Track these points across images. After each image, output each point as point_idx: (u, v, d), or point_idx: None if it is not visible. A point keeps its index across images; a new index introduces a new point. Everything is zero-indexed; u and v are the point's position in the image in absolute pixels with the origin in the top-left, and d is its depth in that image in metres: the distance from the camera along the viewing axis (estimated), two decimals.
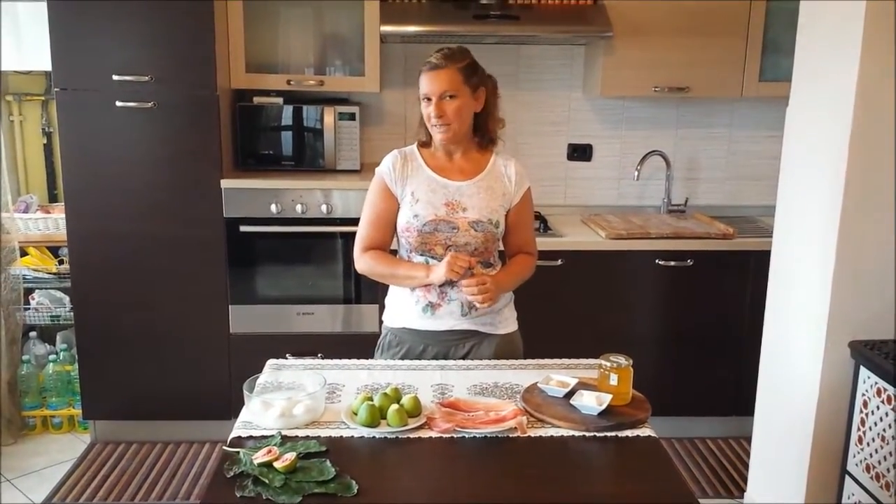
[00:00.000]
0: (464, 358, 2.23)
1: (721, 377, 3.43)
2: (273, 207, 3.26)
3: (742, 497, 2.92)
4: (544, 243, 3.27)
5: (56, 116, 3.20)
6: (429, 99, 2.13)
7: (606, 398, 1.85)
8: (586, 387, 1.94)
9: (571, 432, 1.80)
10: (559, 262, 3.29)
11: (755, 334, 3.05)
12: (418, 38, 3.45)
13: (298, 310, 3.32)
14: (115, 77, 3.11)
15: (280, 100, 3.40)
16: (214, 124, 3.20)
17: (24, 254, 3.63)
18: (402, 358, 2.25)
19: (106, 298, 3.32)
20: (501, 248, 2.31)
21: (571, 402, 1.86)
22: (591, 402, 1.84)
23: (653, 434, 1.81)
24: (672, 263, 3.32)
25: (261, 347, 3.28)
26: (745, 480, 3.09)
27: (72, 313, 3.51)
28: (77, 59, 3.11)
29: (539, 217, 3.56)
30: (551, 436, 1.78)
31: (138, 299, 3.33)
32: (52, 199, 3.82)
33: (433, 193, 2.18)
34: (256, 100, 3.40)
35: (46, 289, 3.67)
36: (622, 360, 1.91)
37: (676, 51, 3.40)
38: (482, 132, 2.24)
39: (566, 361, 2.20)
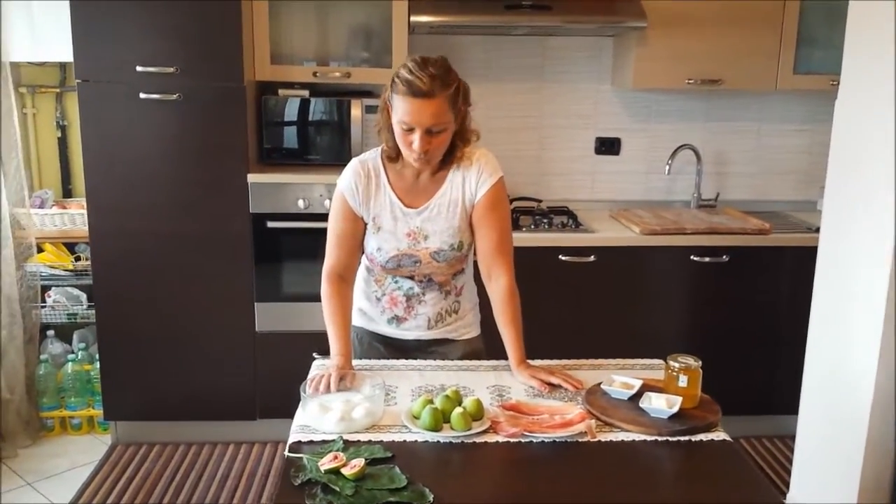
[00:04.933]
0: None
1: (758, 375, 3.38)
2: (300, 202, 3.17)
3: (784, 498, 2.87)
4: (575, 239, 3.24)
5: (77, 109, 3.10)
6: (411, 128, 1.89)
7: (677, 401, 1.78)
8: (652, 388, 1.87)
9: (642, 436, 1.73)
10: (591, 258, 3.22)
11: (793, 331, 3.01)
12: (447, 28, 3.37)
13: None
14: (138, 68, 3.02)
15: (306, 92, 3.32)
16: (241, 117, 3.11)
17: (39, 250, 3.54)
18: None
19: (128, 296, 3.23)
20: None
21: (640, 405, 1.79)
22: (661, 405, 1.78)
23: (728, 438, 1.74)
24: (707, 259, 3.25)
25: (287, 346, 3.21)
26: (783, 481, 3.04)
27: (89, 311, 3.43)
28: (99, 50, 3.02)
29: (567, 212, 3.50)
30: (622, 440, 1.72)
31: (161, 297, 3.24)
32: (67, 194, 3.73)
33: (395, 222, 2.05)
34: (282, 92, 3.31)
35: (63, 286, 3.57)
36: (691, 360, 1.84)
37: (710, 42, 3.33)
38: (450, 150, 2.01)
39: (622, 361, 2.13)
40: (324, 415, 1.74)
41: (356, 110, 3.30)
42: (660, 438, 1.72)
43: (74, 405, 3.49)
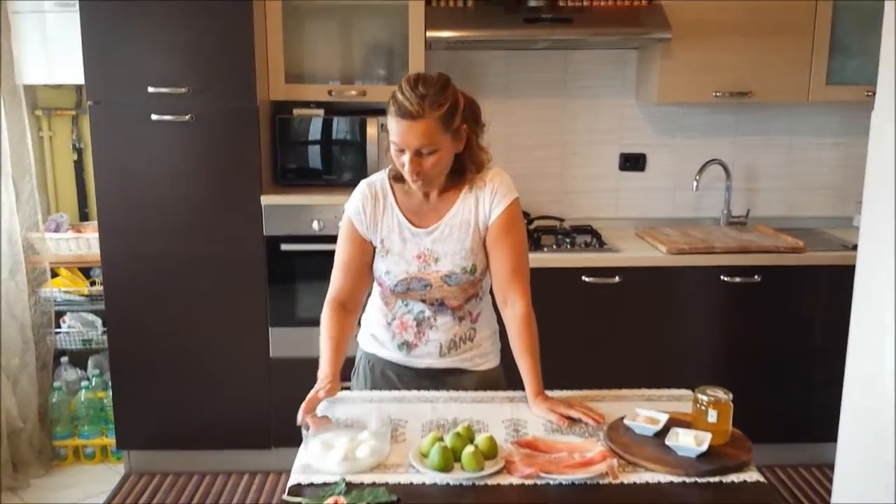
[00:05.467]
0: None
1: (791, 401, 3.22)
2: (315, 224, 3.09)
3: None
4: (599, 259, 3.12)
5: (88, 131, 3.06)
6: (401, 149, 1.83)
7: (706, 438, 1.65)
8: (678, 423, 1.75)
9: (668, 477, 1.60)
10: (616, 279, 3.10)
11: (830, 355, 2.86)
12: (464, 44, 3.29)
13: None
14: (150, 89, 2.97)
15: (321, 111, 3.24)
16: (254, 138, 3.04)
17: (54, 275, 3.50)
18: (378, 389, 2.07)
19: (141, 321, 3.17)
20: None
21: (666, 442, 1.67)
22: (688, 443, 1.65)
23: (762, 479, 1.61)
24: (738, 280, 3.11)
25: (303, 372, 3.07)
26: None
27: (104, 337, 3.37)
28: (110, 71, 2.97)
29: (591, 231, 3.38)
30: (646, 482, 1.59)
31: (175, 322, 3.18)
32: (84, 217, 3.68)
33: (404, 244, 1.96)
34: (296, 112, 3.24)
35: (78, 311, 3.52)
36: (721, 393, 1.71)
37: (738, 53, 3.21)
38: (458, 171, 1.93)
39: (647, 392, 2.01)
40: (326, 453, 1.64)
41: (372, 129, 3.22)
42: (688, 480, 1.59)
43: (88, 433, 3.43)
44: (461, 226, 1.96)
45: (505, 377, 2.12)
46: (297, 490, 1.57)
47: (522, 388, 1.95)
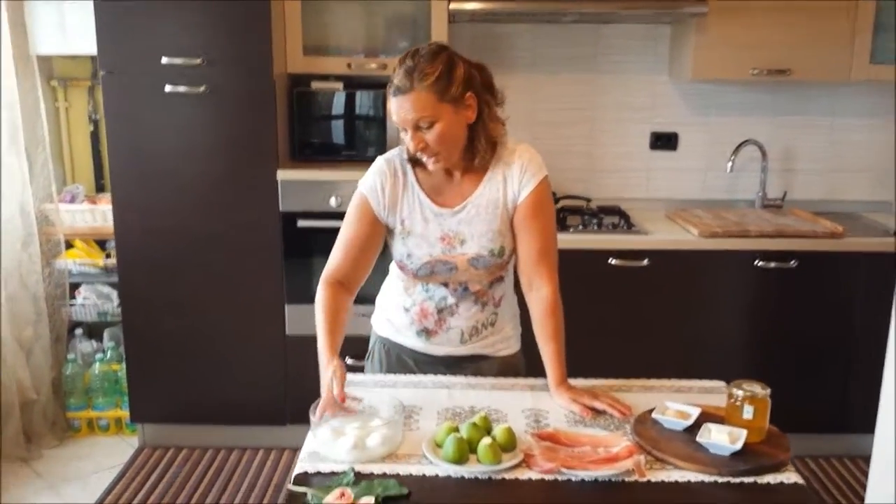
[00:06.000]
0: None
1: (826, 391, 3.09)
2: (332, 200, 3.00)
3: None
4: (627, 241, 3.00)
5: (102, 102, 2.98)
6: (403, 128, 1.75)
7: (741, 435, 1.55)
8: (711, 418, 1.64)
9: (699, 476, 1.50)
10: (645, 262, 2.98)
11: (869, 343, 2.74)
12: (490, 16, 3.16)
13: (359, 310, 3.04)
14: (164, 59, 2.88)
15: (339, 85, 3.14)
16: (270, 111, 2.95)
17: (69, 246, 3.44)
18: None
19: (155, 296, 3.11)
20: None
21: (698, 438, 1.56)
22: (722, 440, 1.54)
23: (799, 481, 1.50)
24: (773, 265, 2.98)
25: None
26: None
27: (120, 309, 3.32)
28: (124, 40, 2.89)
29: (619, 212, 3.26)
30: (675, 480, 1.49)
31: (189, 297, 3.11)
32: (100, 189, 3.62)
33: (426, 224, 1.85)
34: (314, 85, 3.14)
35: (93, 283, 3.47)
36: (758, 388, 1.60)
37: (777, 29, 3.05)
38: (472, 149, 1.80)
39: (677, 383, 1.90)
40: (335, 440, 1.56)
41: None
42: (720, 479, 1.49)
43: (102, 406, 3.38)
44: (488, 206, 1.85)
45: (525, 362, 2.02)
46: (304, 479, 1.49)
47: (543, 374, 1.86)
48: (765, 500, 1.45)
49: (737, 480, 1.49)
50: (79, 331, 3.49)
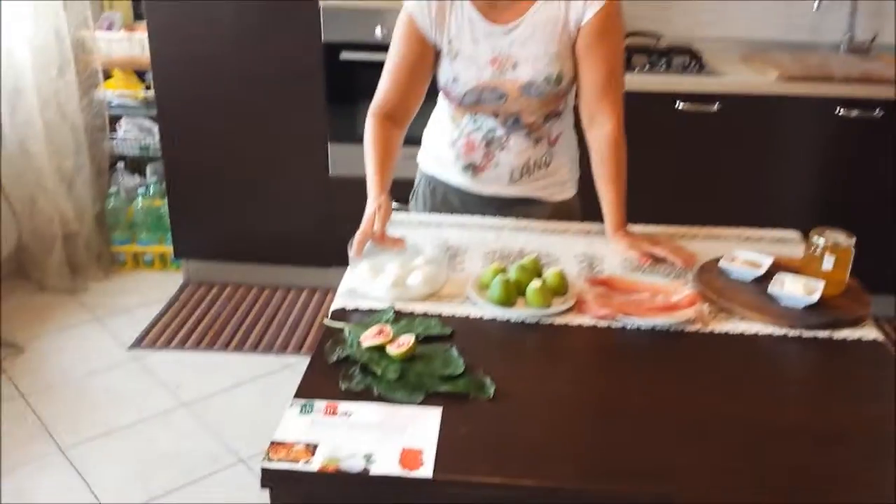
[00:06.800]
0: None
1: None
2: (377, 31, 2.79)
3: None
4: (698, 84, 2.77)
5: None
6: None
7: (818, 286, 1.40)
8: (784, 268, 1.49)
9: (768, 329, 1.37)
10: (715, 106, 2.74)
11: None
12: None
13: (406, 152, 2.92)
14: None
15: None
16: None
17: (107, 77, 3.32)
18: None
19: (195, 130, 3.01)
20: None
21: (769, 290, 1.42)
22: (796, 292, 1.40)
23: (879, 337, 1.36)
24: (855, 114, 2.72)
25: (364, 191, 2.91)
26: None
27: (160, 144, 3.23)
28: None
29: (690, 52, 2.99)
30: (742, 332, 1.37)
31: (229, 132, 3.00)
32: (138, 17, 3.43)
33: (476, 45, 1.65)
34: None
35: (134, 116, 3.37)
36: (841, 237, 1.44)
37: None
38: None
39: (747, 232, 1.74)
40: (375, 278, 1.46)
41: None
42: (792, 333, 1.36)
43: (146, 241, 3.37)
44: (546, 25, 1.64)
45: (581, 210, 1.87)
46: (342, 315, 1.40)
47: (600, 220, 1.71)
48: (839, 356, 1.33)
49: (810, 335, 1.36)
50: (121, 164, 3.43)
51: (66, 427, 2.44)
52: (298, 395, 1.17)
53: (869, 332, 1.37)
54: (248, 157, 3.04)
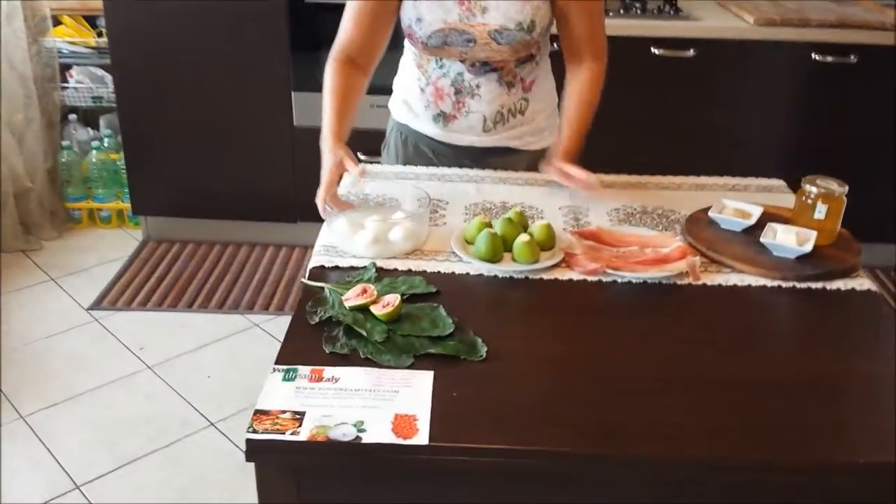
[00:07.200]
0: None
1: (883, 197, 2.88)
2: None
3: None
4: (672, 28, 2.71)
5: None
6: None
7: (810, 236, 1.37)
8: (774, 218, 1.45)
9: (761, 280, 1.33)
10: (691, 52, 2.69)
11: None
12: None
13: (372, 101, 2.80)
14: None
15: None
16: None
17: (57, 23, 3.14)
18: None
19: (151, 78, 2.87)
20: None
21: (761, 239, 1.38)
22: (789, 242, 1.36)
23: (873, 287, 1.34)
24: (830, 59, 2.69)
25: None
26: None
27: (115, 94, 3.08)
28: None
29: None
30: (734, 284, 1.33)
31: (188, 81, 2.87)
32: None
33: None
34: None
35: (85, 65, 3.20)
36: (834, 185, 1.40)
37: None
38: None
39: (733, 180, 1.70)
40: (354, 234, 1.38)
41: None
42: (784, 284, 1.33)
43: (102, 197, 3.24)
44: None
45: None
46: (320, 274, 1.33)
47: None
48: (833, 308, 1.30)
49: (803, 286, 1.33)
50: (73, 116, 3.27)
51: (26, 393, 2.34)
52: (280, 360, 1.10)
53: (862, 283, 1.34)
54: (208, 106, 2.91)
